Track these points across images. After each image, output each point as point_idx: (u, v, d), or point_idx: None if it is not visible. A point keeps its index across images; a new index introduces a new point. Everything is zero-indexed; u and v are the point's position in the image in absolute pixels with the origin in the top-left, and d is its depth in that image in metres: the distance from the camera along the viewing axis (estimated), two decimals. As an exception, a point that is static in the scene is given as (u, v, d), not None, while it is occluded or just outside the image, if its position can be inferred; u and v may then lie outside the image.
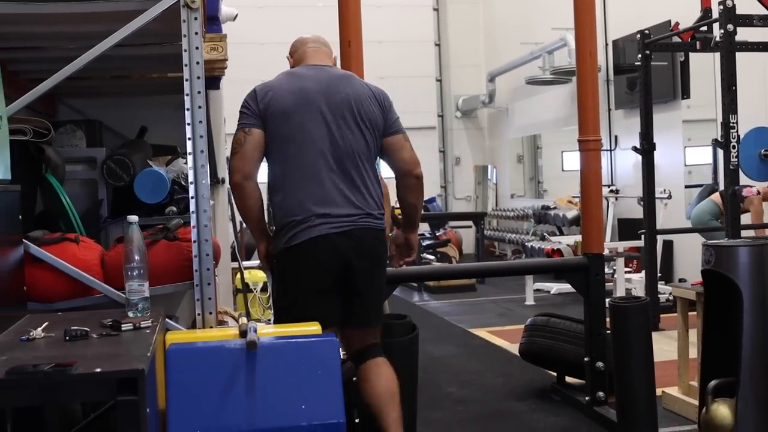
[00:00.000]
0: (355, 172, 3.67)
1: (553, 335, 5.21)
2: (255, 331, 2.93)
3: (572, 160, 13.69)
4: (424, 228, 14.19)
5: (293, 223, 3.60)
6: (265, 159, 3.75)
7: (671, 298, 7.65)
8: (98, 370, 2.16)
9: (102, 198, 4.47)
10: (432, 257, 12.39)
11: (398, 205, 4.05)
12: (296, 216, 3.60)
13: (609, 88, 11.66)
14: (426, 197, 14.76)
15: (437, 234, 13.74)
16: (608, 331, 4.56)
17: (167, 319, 3.44)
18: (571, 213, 11.54)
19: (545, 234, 11.58)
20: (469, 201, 16.51)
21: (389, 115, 3.83)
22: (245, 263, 9.09)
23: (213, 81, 6.12)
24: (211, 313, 3.38)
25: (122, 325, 2.73)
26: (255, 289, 8.62)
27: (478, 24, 16.44)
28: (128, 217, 3.08)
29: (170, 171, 4.56)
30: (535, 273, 8.89)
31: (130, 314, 2.98)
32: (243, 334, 2.97)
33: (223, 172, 6.89)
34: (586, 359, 4.76)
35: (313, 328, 3.20)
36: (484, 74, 15.63)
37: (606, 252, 9.69)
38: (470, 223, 13.82)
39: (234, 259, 9.53)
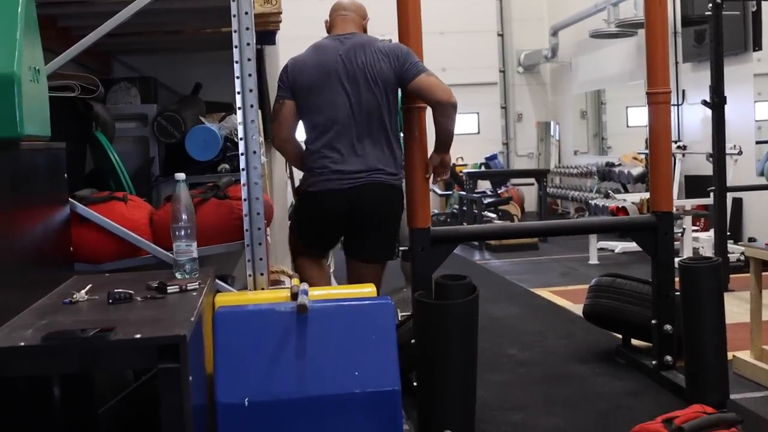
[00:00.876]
0: (373, 132, 4.22)
1: (619, 296, 5.02)
2: (306, 293, 2.81)
3: (637, 116, 13.35)
4: (485, 185, 14.00)
5: (314, 173, 4.27)
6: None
7: (742, 258, 7.39)
8: (138, 336, 2.06)
9: (153, 155, 4.38)
10: (493, 215, 12.20)
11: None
12: (316, 169, 4.26)
13: (676, 40, 11.26)
14: (487, 154, 14.56)
15: (499, 192, 13.53)
16: (677, 293, 4.38)
17: (219, 281, 3.34)
18: (637, 170, 11.25)
19: (609, 191, 11.30)
20: (531, 158, 16.23)
21: (404, 64, 4.14)
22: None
23: (268, 36, 5.98)
24: (262, 274, 3.27)
25: (168, 288, 2.63)
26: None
27: (540, -24, 16.08)
28: (176, 174, 2.96)
29: (223, 128, 4.45)
30: (600, 232, 8.63)
31: (178, 276, 2.88)
32: (294, 296, 2.86)
33: (278, 132, 6.79)
34: (653, 322, 4.57)
35: (368, 290, 3.08)
36: (546, 28, 15.27)
37: (673, 210, 9.43)
38: (532, 180, 13.60)
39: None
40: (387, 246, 4.39)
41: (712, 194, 7.38)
